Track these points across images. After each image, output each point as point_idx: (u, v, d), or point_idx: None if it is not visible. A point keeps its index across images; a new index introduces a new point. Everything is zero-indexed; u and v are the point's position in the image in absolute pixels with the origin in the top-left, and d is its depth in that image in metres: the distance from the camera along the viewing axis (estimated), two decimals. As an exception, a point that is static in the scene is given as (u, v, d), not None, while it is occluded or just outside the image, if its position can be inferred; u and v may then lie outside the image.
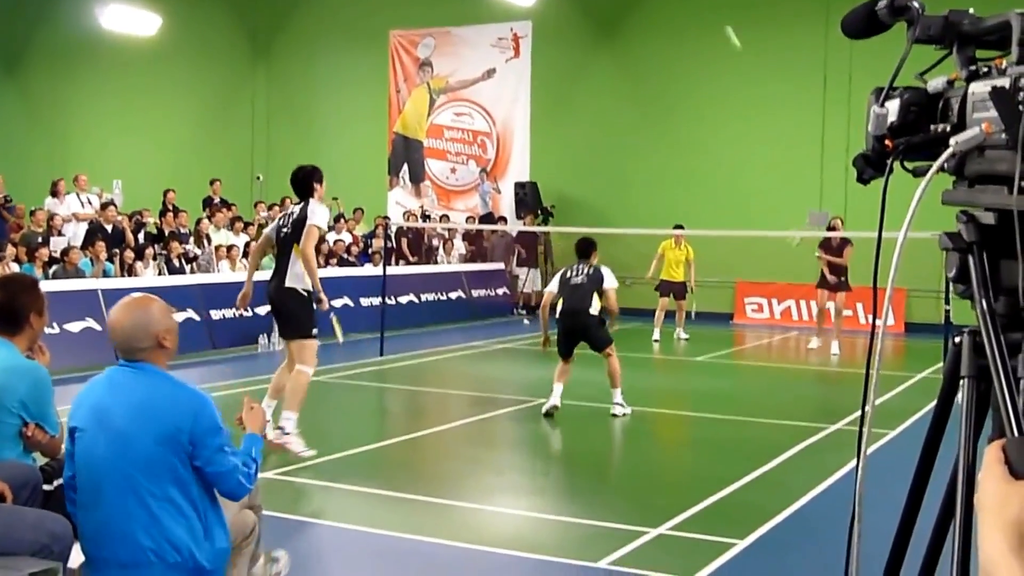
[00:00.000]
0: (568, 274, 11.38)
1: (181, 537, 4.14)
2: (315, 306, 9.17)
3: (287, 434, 8.88)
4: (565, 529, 7.31)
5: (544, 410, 11.02)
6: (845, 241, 16.92)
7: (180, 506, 4.16)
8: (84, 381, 4.43)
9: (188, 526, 4.16)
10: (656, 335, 18.13)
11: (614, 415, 11.06)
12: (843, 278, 16.84)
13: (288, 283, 9.02)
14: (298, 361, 9.08)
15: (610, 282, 11.26)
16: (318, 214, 9.14)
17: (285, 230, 9.22)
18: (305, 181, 9.32)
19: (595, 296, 11.10)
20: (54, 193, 19.07)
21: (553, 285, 11.58)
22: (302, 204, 9.23)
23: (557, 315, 11.29)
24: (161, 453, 4.11)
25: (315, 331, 9.15)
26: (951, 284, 1.98)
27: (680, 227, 18.30)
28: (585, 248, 11.59)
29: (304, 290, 9.05)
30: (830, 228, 17.22)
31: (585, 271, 11.28)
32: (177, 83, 28.44)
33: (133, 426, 4.13)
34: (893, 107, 1.96)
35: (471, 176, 24.73)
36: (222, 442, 4.23)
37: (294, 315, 9.11)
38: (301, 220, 9.10)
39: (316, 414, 11.89)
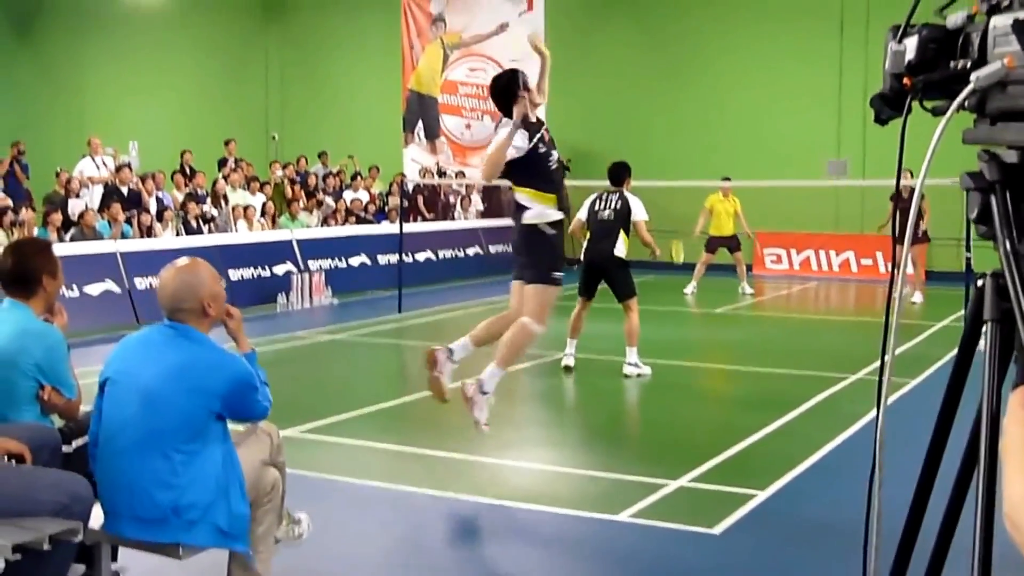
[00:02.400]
0: (597, 205, 10.88)
1: (200, 496, 4.18)
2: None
3: (484, 393, 7.26)
4: (585, 482, 7.31)
5: (563, 364, 10.95)
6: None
7: (202, 466, 4.21)
8: (104, 343, 4.46)
9: (206, 486, 4.20)
10: (691, 288, 17.82)
11: (625, 375, 10.69)
12: (920, 231, 16.57)
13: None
14: (527, 312, 7.35)
15: (639, 213, 10.73)
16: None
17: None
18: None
19: (621, 234, 10.60)
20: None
21: (582, 213, 11.02)
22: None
23: (583, 250, 10.96)
24: (190, 412, 4.19)
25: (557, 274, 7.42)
26: (972, 225, 1.93)
27: (727, 179, 17.86)
28: (617, 173, 11.00)
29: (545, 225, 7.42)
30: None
31: (614, 203, 10.74)
32: (191, 43, 28.31)
33: (165, 384, 4.19)
34: (911, 44, 1.90)
35: (486, 132, 24.57)
36: (256, 395, 4.39)
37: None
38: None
39: (336, 372, 11.92)
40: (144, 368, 4.28)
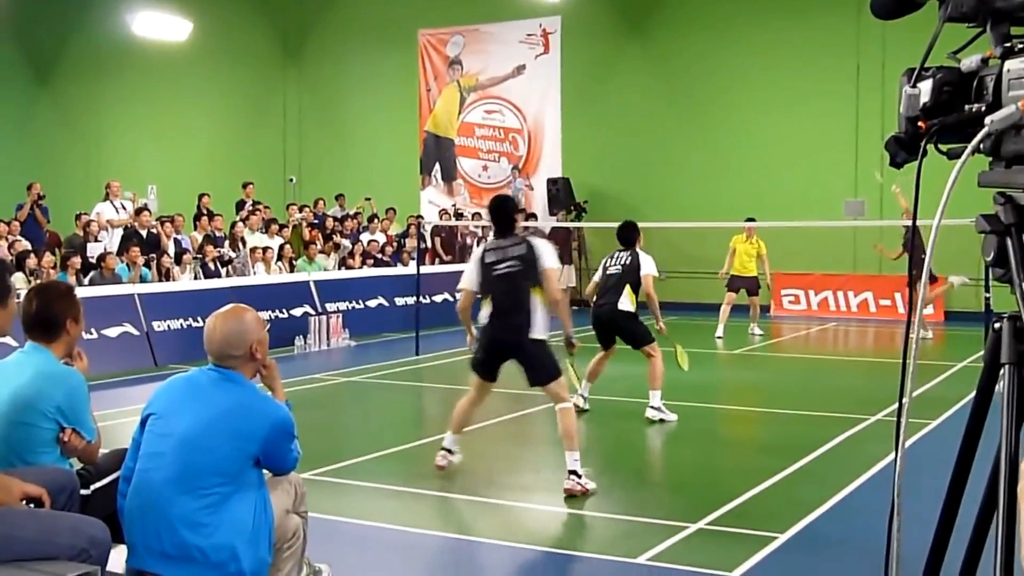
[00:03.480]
0: (608, 263, 10.89)
1: (229, 539, 4.21)
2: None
3: (580, 476, 7.84)
4: (604, 525, 7.27)
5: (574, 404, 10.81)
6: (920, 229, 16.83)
7: (235, 509, 4.25)
8: (122, 386, 4.49)
9: (239, 529, 4.24)
10: (720, 331, 17.78)
11: (648, 418, 10.61)
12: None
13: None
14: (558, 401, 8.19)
15: (647, 268, 10.63)
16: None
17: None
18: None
19: (628, 288, 10.53)
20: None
21: (597, 275, 11.01)
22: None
23: (592, 306, 10.88)
24: (228, 454, 4.25)
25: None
26: (990, 269, 1.93)
27: (751, 219, 17.90)
28: (625, 235, 10.92)
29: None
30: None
31: (623, 260, 10.68)
32: (209, 87, 28.59)
33: (208, 426, 4.27)
34: (926, 87, 1.91)
35: (503, 173, 24.70)
36: (291, 444, 4.48)
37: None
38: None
39: (354, 415, 11.91)
40: (188, 408, 4.36)
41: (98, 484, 4.82)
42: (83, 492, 4.75)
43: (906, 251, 17.08)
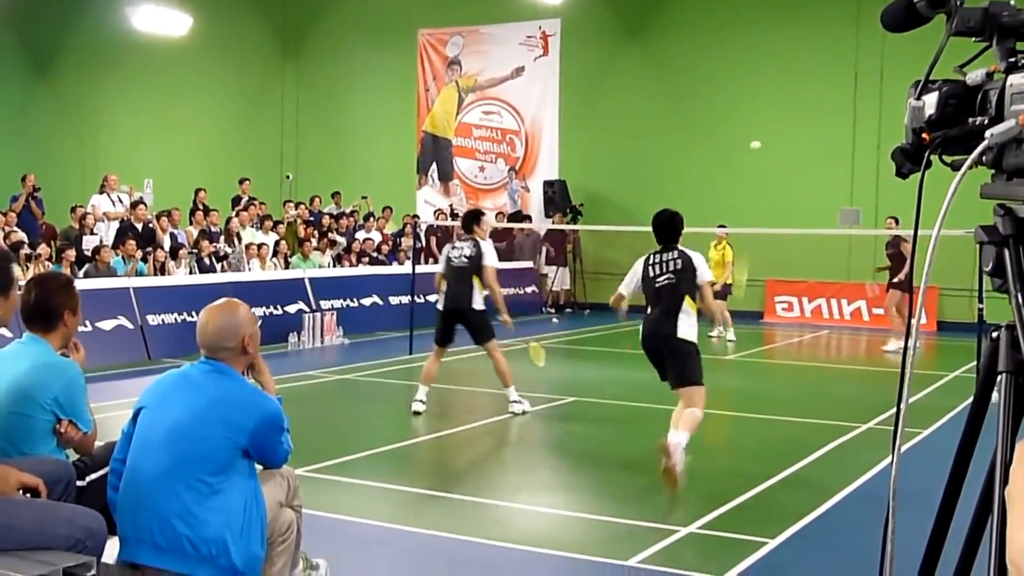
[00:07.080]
0: (450, 252, 10.81)
1: (218, 532, 4.22)
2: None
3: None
4: (594, 527, 7.30)
5: (413, 411, 10.83)
6: (899, 238, 16.69)
7: (225, 499, 4.26)
8: (116, 379, 4.49)
9: (228, 522, 4.24)
10: (715, 332, 17.79)
11: (512, 413, 10.81)
12: (902, 276, 16.51)
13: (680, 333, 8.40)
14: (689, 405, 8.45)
15: (489, 259, 10.55)
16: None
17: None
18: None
19: (475, 282, 10.53)
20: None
21: (440, 264, 11.06)
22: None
23: (441, 298, 10.87)
24: (216, 444, 4.27)
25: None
26: (986, 278, 1.96)
27: (723, 226, 18.05)
28: (466, 222, 10.94)
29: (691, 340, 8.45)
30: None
31: (465, 251, 10.63)
32: (208, 83, 28.58)
33: (197, 416, 4.30)
34: (931, 100, 1.94)
35: (500, 175, 24.75)
36: (281, 437, 4.50)
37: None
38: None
39: (347, 412, 11.93)
40: (178, 400, 4.39)
41: (94, 475, 4.84)
42: (79, 483, 4.77)
43: (890, 261, 17.06)
